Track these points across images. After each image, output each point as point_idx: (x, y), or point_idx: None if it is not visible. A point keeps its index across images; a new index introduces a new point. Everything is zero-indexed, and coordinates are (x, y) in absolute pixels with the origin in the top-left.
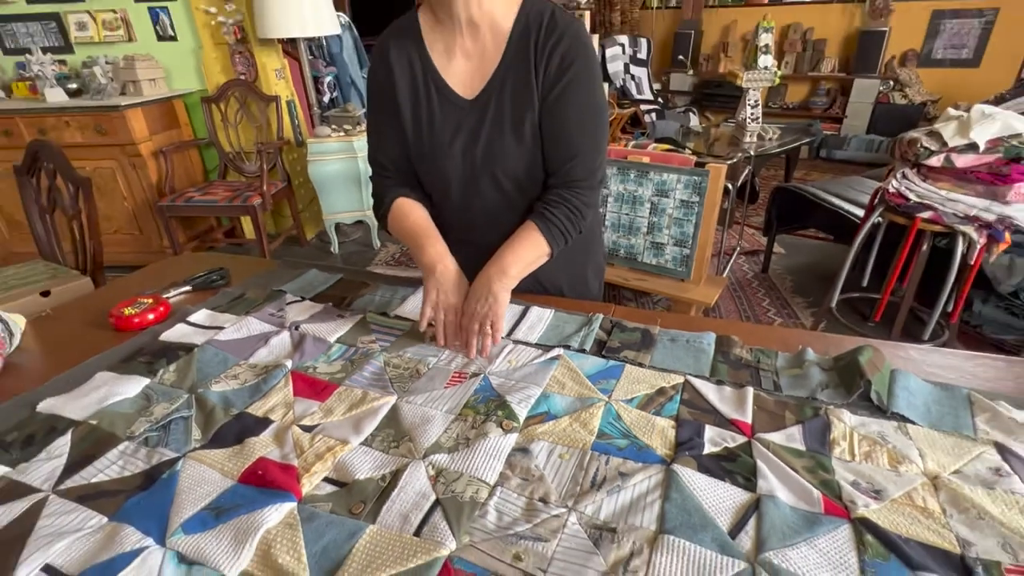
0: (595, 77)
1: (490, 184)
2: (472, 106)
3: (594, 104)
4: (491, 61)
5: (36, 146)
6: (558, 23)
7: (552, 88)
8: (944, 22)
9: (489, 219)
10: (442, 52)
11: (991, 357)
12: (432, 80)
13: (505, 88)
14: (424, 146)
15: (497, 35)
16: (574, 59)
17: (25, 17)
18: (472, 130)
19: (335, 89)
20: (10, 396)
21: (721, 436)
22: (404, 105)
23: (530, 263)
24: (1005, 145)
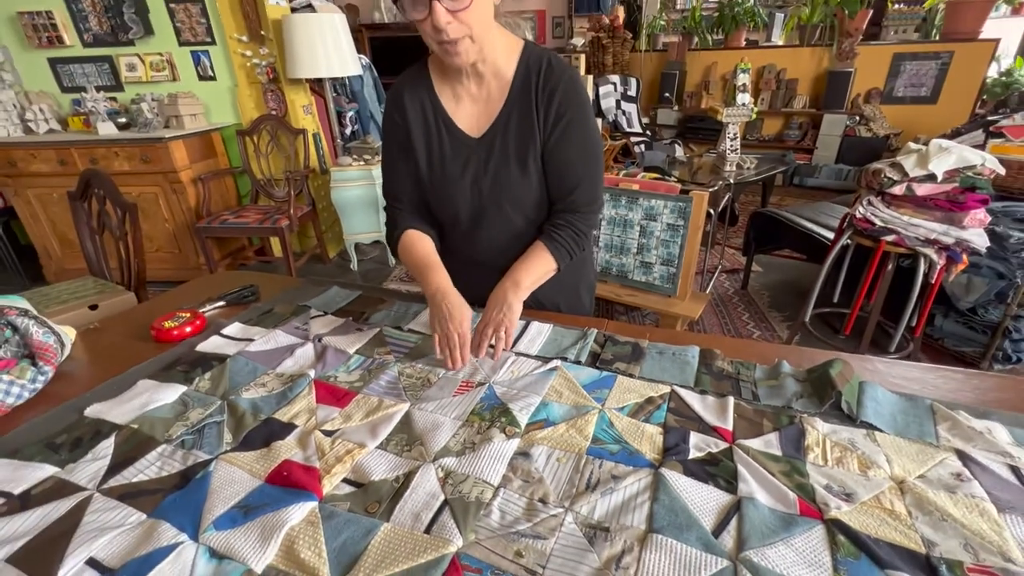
0: (590, 117)
1: (496, 213)
2: (479, 143)
3: (591, 141)
4: (496, 104)
5: (88, 174)
6: (555, 70)
7: (553, 129)
8: (904, 64)
9: (495, 244)
10: (451, 97)
11: (951, 370)
12: (442, 121)
13: (509, 127)
14: (436, 179)
15: (500, 81)
16: (571, 103)
17: (82, 59)
18: (480, 164)
19: (356, 122)
20: (61, 401)
21: (705, 442)
22: (418, 144)
23: (540, 277)
24: (961, 175)
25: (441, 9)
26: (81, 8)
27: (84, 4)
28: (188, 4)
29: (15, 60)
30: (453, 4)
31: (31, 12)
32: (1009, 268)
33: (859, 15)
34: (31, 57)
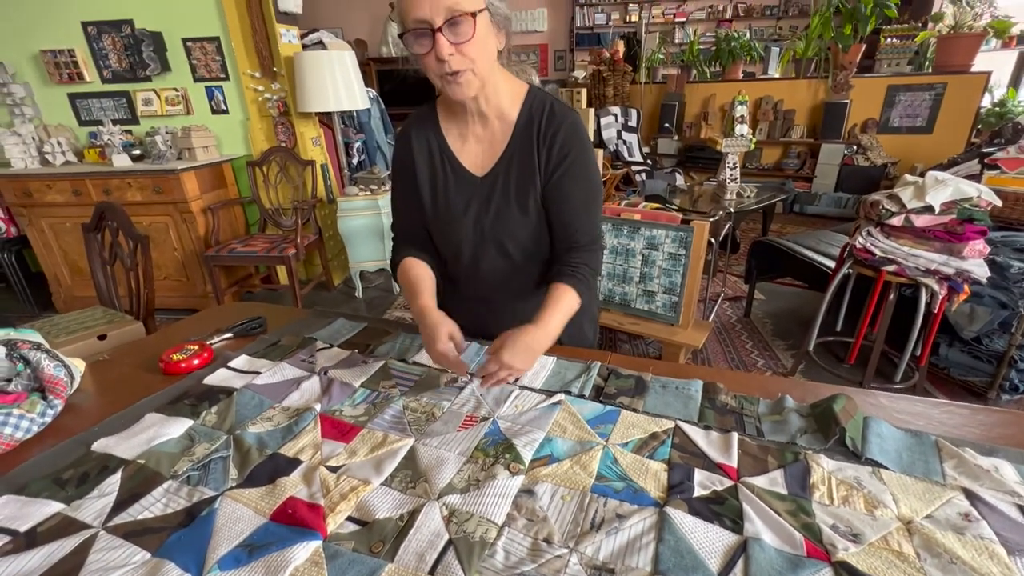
0: (590, 160)
1: (496, 249)
2: (482, 182)
3: (591, 182)
4: (499, 144)
5: (103, 207)
6: (557, 114)
7: (555, 171)
8: (898, 95)
9: (495, 279)
10: (456, 136)
11: (956, 404)
12: (448, 160)
13: (512, 167)
14: (440, 215)
15: (504, 123)
16: (572, 146)
17: (100, 95)
18: (482, 202)
19: (363, 153)
20: (69, 435)
21: (709, 479)
22: (423, 181)
23: (568, 315)
24: (958, 207)
25: (444, 41)
26: (102, 47)
27: (105, 43)
28: (204, 43)
29: (36, 95)
30: (456, 37)
31: (54, 50)
32: (1011, 298)
33: (852, 49)
34: (51, 92)
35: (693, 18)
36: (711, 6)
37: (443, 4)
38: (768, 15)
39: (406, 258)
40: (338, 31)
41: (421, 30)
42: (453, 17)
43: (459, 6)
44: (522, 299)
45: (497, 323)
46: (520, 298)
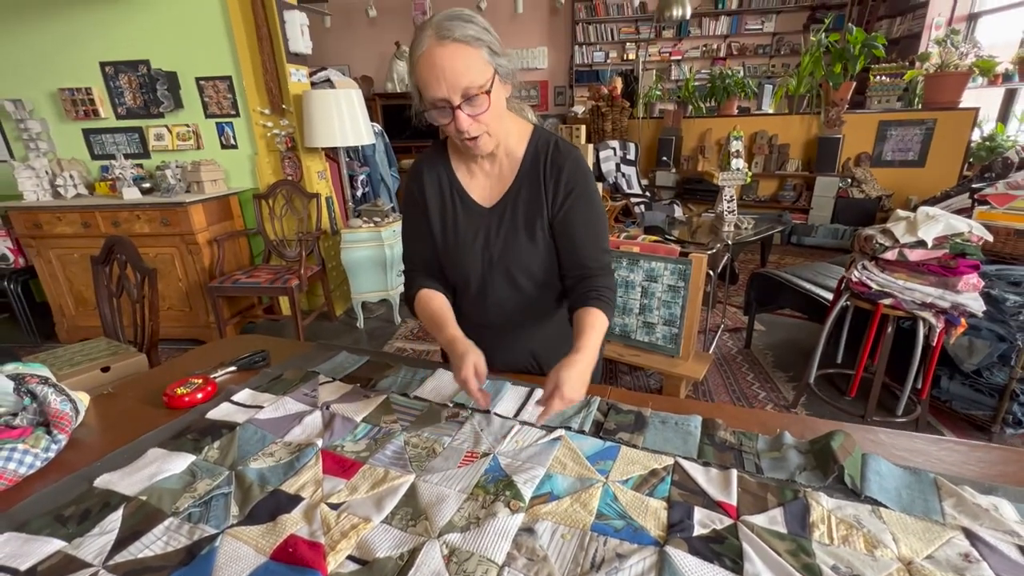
0: (594, 191)
1: (504, 276)
2: (491, 212)
3: (597, 214)
4: (507, 179)
5: (113, 240)
6: (561, 151)
7: (564, 202)
8: (890, 130)
9: (502, 307)
10: (465, 171)
11: (955, 441)
12: (457, 192)
13: (519, 199)
14: (450, 245)
15: (512, 159)
16: (577, 180)
17: (114, 130)
18: (491, 231)
19: (367, 186)
20: (72, 470)
21: (709, 518)
22: (433, 213)
23: (600, 333)
24: (950, 242)
25: (463, 116)
26: (118, 85)
27: (121, 82)
28: (217, 81)
29: (52, 131)
30: (473, 110)
31: (72, 88)
32: (1009, 331)
33: (843, 86)
34: (67, 128)
35: (688, 56)
36: (705, 45)
37: (459, 86)
38: (761, 53)
39: (422, 289)
40: (345, 68)
41: (440, 106)
42: (468, 95)
43: (473, 84)
44: (528, 327)
45: (504, 350)
46: (526, 326)
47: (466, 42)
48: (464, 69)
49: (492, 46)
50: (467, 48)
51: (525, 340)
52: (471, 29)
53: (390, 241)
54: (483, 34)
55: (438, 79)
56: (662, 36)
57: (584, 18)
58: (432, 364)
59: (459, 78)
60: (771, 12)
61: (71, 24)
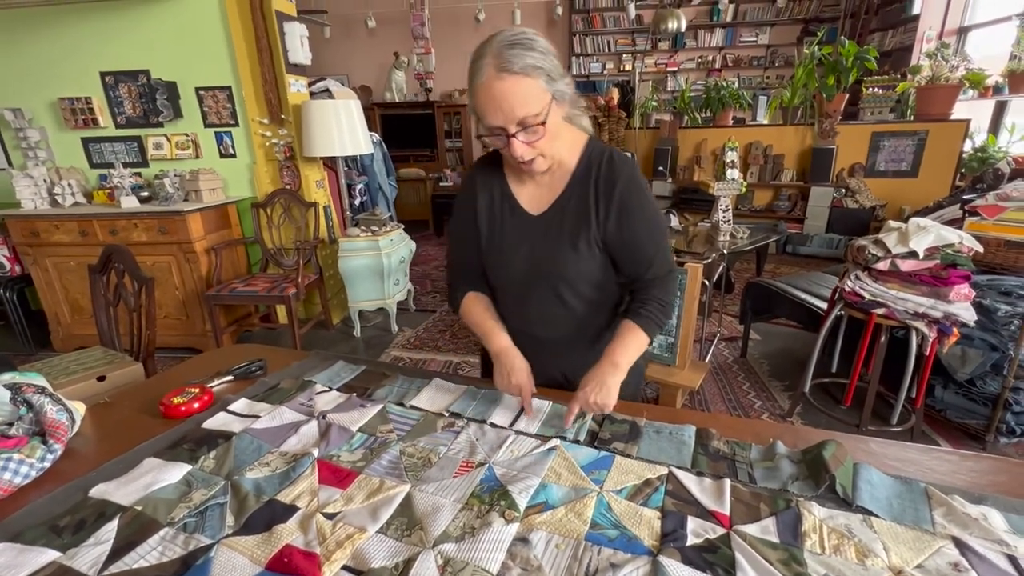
0: (649, 200)
1: (545, 285)
2: (537, 220)
3: (655, 221)
4: (557, 188)
5: (110, 249)
6: (615, 163)
7: (618, 216)
8: (883, 141)
9: (542, 314)
10: (516, 178)
11: (946, 451)
12: (507, 198)
13: (567, 209)
14: (495, 248)
15: (563, 169)
16: (632, 191)
17: (113, 139)
18: (536, 238)
19: (365, 194)
20: (67, 480)
21: (702, 527)
22: (482, 217)
23: (635, 354)
24: (941, 252)
25: (518, 143)
26: (118, 95)
27: (121, 91)
28: (216, 91)
29: (51, 139)
30: (528, 137)
31: (72, 98)
32: (1001, 340)
33: (836, 98)
34: (66, 137)
35: (684, 68)
36: (701, 56)
37: (515, 116)
38: (755, 65)
39: (469, 293)
40: (344, 78)
41: (497, 133)
42: (524, 124)
43: (529, 115)
44: (566, 336)
45: (539, 359)
46: (564, 335)
47: (525, 73)
48: (522, 102)
49: (551, 73)
50: (525, 80)
51: (561, 348)
52: (530, 58)
53: (388, 250)
54: (542, 61)
55: (496, 110)
56: (658, 48)
57: (581, 30)
58: (429, 374)
59: (516, 110)
60: (765, 25)
61: (72, 34)
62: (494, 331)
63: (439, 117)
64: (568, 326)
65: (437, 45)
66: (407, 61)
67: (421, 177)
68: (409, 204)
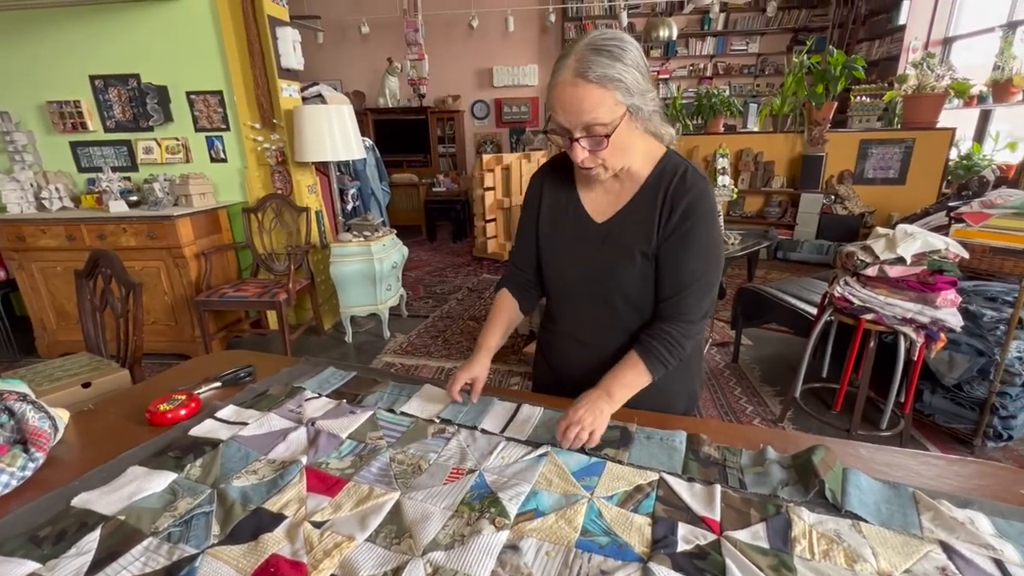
0: (713, 230)
1: (599, 293)
2: (600, 227)
3: (708, 254)
4: (624, 198)
5: (97, 254)
6: (687, 180)
7: (674, 232)
8: (871, 149)
9: (593, 322)
10: (585, 184)
11: (933, 456)
12: (572, 202)
13: (629, 220)
14: (554, 250)
15: (633, 180)
16: (695, 212)
17: (102, 143)
18: (594, 245)
19: (357, 200)
20: (49, 488)
21: (693, 534)
22: (544, 218)
23: (632, 388)
24: (928, 259)
25: (579, 148)
26: (108, 99)
27: (111, 95)
28: (207, 96)
29: (38, 143)
30: (591, 145)
31: (60, 101)
32: (987, 345)
33: (825, 106)
34: (54, 140)
35: (676, 75)
36: (692, 64)
37: (581, 121)
38: (746, 73)
39: (504, 289)
40: (337, 83)
41: (562, 132)
42: (589, 131)
43: (597, 121)
44: (614, 346)
45: (581, 363)
46: (612, 345)
47: (600, 84)
48: (591, 109)
49: (632, 86)
50: (600, 90)
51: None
52: (613, 69)
53: (380, 255)
54: (624, 72)
55: (565, 111)
56: (650, 55)
57: (574, 37)
58: (420, 380)
59: (583, 116)
60: (755, 34)
61: (61, 37)
62: (490, 328)
63: (432, 123)
64: (617, 336)
65: (430, 51)
66: (400, 67)
67: (414, 182)
68: (402, 209)
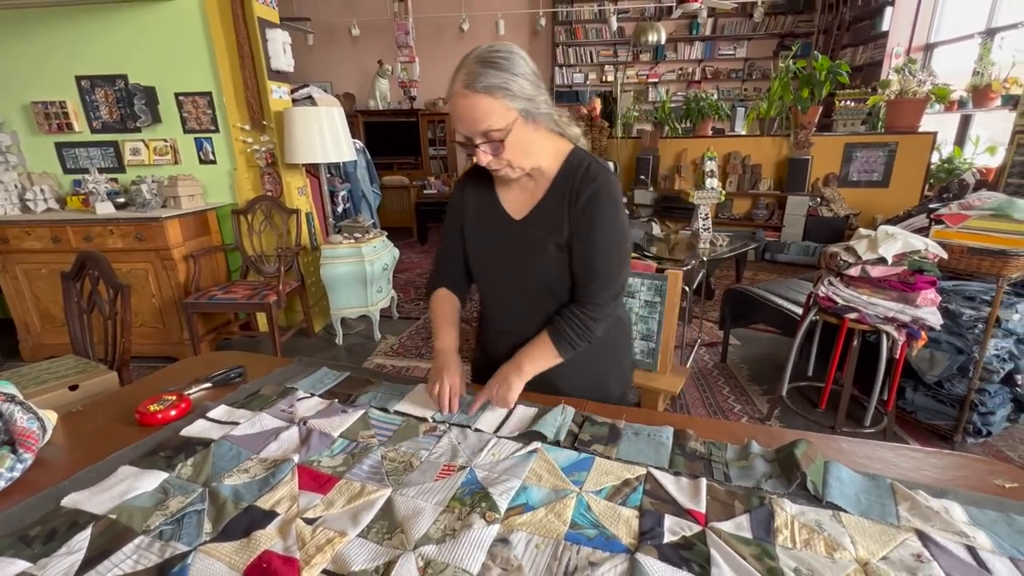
0: (617, 218)
1: (525, 286)
2: (518, 224)
3: (614, 240)
4: (538, 195)
5: (85, 256)
6: (591, 172)
7: (579, 223)
8: (855, 152)
9: (523, 315)
10: (503, 185)
11: (911, 448)
12: (492, 203)
13: (544, 214)
14: (477, 252)
15: (545, 177)
16: (599, 202)
17: (88, 144)
18: (515, 242)
19: (348, 201)
20: (38, 489)
21: (679, 525)
22: (469, 220)
23: (542, 364)
24: (908, 259)
25: (481, 152)
26: (94, 99)
27: (98, 96)
28: (196, 97)
29: (22, 144)
30: (491, 149)
31: (45, 102)
32: (966, 343)
33: (810, 111)
34: (38, 141)
35: (665, 79)
36: (681, 68)
37: (478, 129)
38: (734, 77)
39: (441, 289)
40: (327, 85)
41: (464, 142)
42: (486, 137)
43: (491, 128)
44: None
45: None
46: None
47: (488, 93)
48: (482, 117)
49: (519, 93)
50: (488, 99)
51: None
52: (497, 78)
53: (370, 257)
54: (510, 82)
55: (461, 121)
56: (639, 60)
57: (564, 41)
58: (413, 380)
59: (478, 124)
60: (742, 39)
61: (46, 37)
62: (442, 330)
63: (423, 125)
64: (541, 318)
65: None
66: (391, 69)
67: (405, 184)
68: (393, 211)
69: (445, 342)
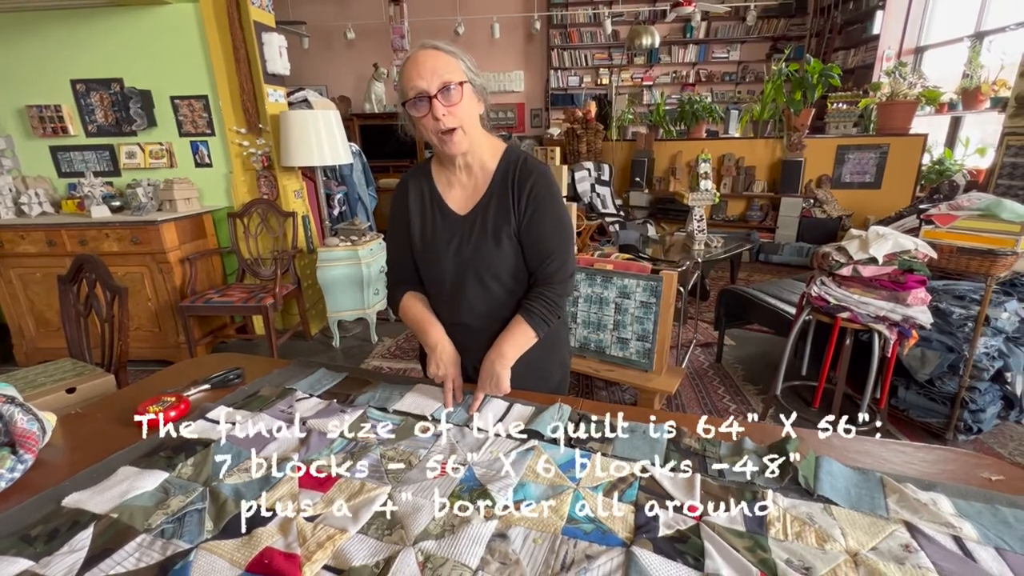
0: (558, 203)
1: (475, 279)
2: (464, 220)
3: (560, 222)
4: (480, 190)
5: (82, 259)
6: (529, 165)
7: (526, 211)
8: (847, 154)
9: (474, 307)
10: (445, 184)
11: (901, 443)
12: (436, 202)
13: (489, 208)
14: (428, 248)
15: (485, 173)
16: (541, 191)
17: (83, 147)
18: (464, 237)
19: (344, 204)
20: (39, 490)
21: (674, 519)
22: (414, 221)
23: (523, 346)
24: (899, 259)
25: (438, 104)
26: (90, 103)
27: (93, 99)
28: (192, 100)
29: (17, 147)
30: (447, 101)
31: (40, 105)
32: (956, 342)
33: (803, 113)
34: (33, 145)
35: (659, 82)
36: (675, 71)
37: (437, 78)
38: (727, 80)
39: (407, 294)
40: (323, 88)
41: (420, 97)
42: (444, 86)
43: (449, 78)
44: (496, 328)
45: (473, 349)
46: (495, 324)
47: (449, 53)
48: (443, 67)
49: (470, 66)
50: (446, 56)
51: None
52: (451, 48)
53: (367, 260)
54: (462, 55)
55: (419, 74)
56: (634, 63)
57: (559, 44)
58: (411, 380)
59: (437, 72)
60: (736, 42)
61: (42, 41)
62: (430, 326)
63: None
64: (494, 313)
65: None
66: (386, 72)
67: None
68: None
69: (438, 336)
